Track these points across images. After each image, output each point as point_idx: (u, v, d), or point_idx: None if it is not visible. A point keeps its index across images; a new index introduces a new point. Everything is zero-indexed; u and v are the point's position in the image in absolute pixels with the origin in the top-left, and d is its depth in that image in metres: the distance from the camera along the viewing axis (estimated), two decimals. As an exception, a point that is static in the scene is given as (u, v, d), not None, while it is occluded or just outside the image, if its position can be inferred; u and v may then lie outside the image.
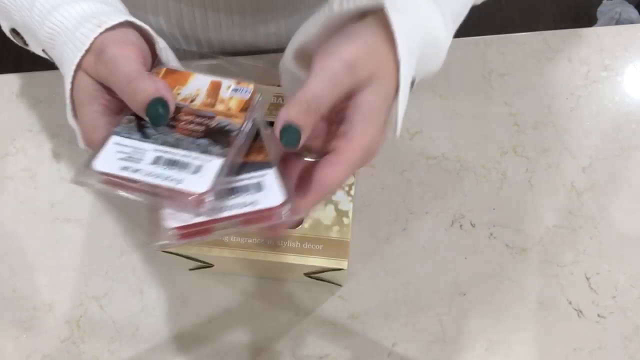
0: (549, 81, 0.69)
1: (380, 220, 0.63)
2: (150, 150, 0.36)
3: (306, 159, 0.39)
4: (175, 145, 0.37)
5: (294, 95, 0.36)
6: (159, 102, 0.36)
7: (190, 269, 0.61)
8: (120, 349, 0.60)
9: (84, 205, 0.65)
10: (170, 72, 0.40)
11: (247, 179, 0.37)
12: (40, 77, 0.71)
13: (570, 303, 0.60)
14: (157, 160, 0.36)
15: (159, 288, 0.62)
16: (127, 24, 0.40)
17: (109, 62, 0.37)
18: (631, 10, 1.53)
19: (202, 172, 0.35)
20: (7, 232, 0.64)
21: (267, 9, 0.61)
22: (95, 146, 0.37)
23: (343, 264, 0.50)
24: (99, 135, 0.37)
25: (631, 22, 1.50)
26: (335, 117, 0.40)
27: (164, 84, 0.37)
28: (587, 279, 0.61)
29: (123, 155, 0.36)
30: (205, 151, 0.36)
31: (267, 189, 0.37)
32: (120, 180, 0.35)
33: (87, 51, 0.38)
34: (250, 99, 0.39)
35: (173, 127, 0.37)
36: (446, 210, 0.63)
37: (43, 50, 0.43)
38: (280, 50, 0.45)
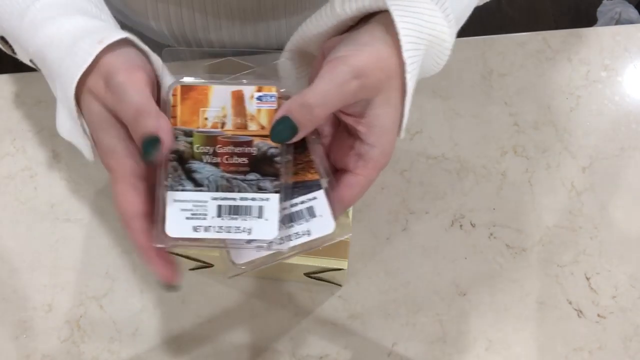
0: (549, 81, 0.69)
1: (380, 220, 0.63)
2: (209, 200, 0.37)
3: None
4: (229, 188, 0.37)
5: (299, 92, 0.36)
6: (154, 139, 0.35)
7: (190, 269, 0.61)
8: (120, 349, 0.60)
9: (84, 205, 0.65)
10: (187, 89, 0.38)
11: (300, 203, 0.38)
12: (40, 77, 0.70)
13: (570, 303, 0.60)
14: (220, 211, 0.37)
15: (159, 288, 0.62)
16: (127, 42, 0.39)
17: (118, 91, 0.36)
18: (631, 10, 1.53)
19: (265, 214, 0.37)
20: (7, 232, 0.64)
21: (268, 10, 0.61)
22: (115, 171, 0.37)
23: (343, 264, 0.50)
24: (117, 160, 0.37)
25: (631, 22, 1.50)
26: (350, 128, 0.40)
27: (167, 124, 0.36)
28: (587, 279, 0.61)
29: (188, 213, 0.37)
30: (259, 188, 0.37)
31: (319, 215, 0.38)
32: (196, 242, 0.37)
33: (90, 70, 0.37)
34: (279, 108, 0.38)
35: (217, 164, 0.37)
36: (446, 210, 0.63)
37: (30, 61, 0.43)
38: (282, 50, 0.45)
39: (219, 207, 0.37)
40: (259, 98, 0.38)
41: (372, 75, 0.37)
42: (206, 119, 0.38)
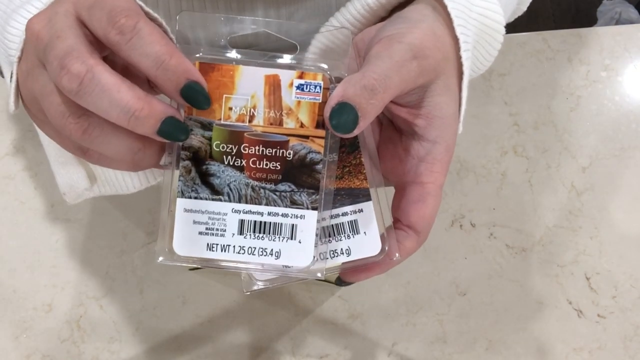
0: (549, 81, 0.69)
1: (380, 220, 0.63)
2: (229, 212, 0.30)
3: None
4: (256, 199, 0.30)
5: (355, 74, 0.30)
6: (196, 84, 0.29)
7: (190, 269, 0.61)
8: (120, 349, 0.60)
9: (84, 205, 0.65)
10: (207, 68, 0.30)
11: (342, 215, 0.32)
12: (40, 77, 0.71)
13: (570, 303, 0.60)
14: (242, 228, 0.30)
15: (159, 288, 0.62)
16: None
17: (129, 26, 0.27)
18: (631, 10, 1.53)
19: (298, 235, 0.30)
20: (7, 232, 0.64)
21: (269, 2, 0.61)
22: (91, 66, 0.27)
23: (343, 264, 0.50)
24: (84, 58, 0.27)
25: (631, 22, 1.49)
26: (401, 125, 0.34)
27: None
28: (587, 279, 0.61)
29: (201, 227, 0.30)
30: (292, 202, 0.30)
31: (363, 232, 0.32)
32: (210, 263, 0.31)
33: None
34: (324, 102, 0.30)
35: (241, 168, 0.30)
36: (446, 210, 0.63)
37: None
38: (282, 45, 0.44)
39: (241, 222, 0.30)
40: (300, 87, 0.31)
41: (431, 56, 0.31)
42: (230, 109, 0.30)
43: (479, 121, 0.67)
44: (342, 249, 0.32)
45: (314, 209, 0.30)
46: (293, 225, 0.30)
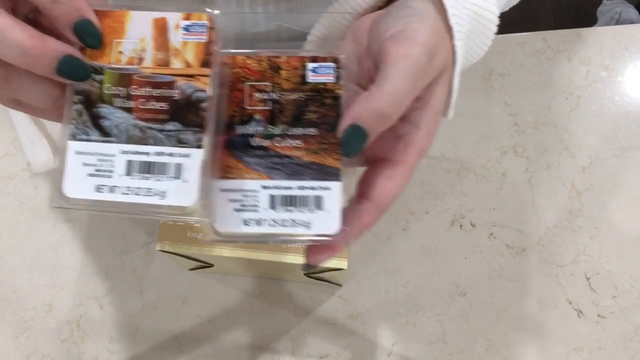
0: (549, 81, 0.69)
1: (380, 220, 0.63)
2: (117, 154, 0.31)
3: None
4: (143, 140, 0.31)
5: (373, 89, 0.30)
6: (85, 22, 0.30)
7: (190, 269, 0.61)
8: (120, 349, 0.60)
9: (84, 205, 0.65)
10: (99, 15, 0.31)
11: (310, 188, 0.32)
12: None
13: (570, 303, 0.60)
14: (130, 168, 0.31)
15: (159, 288, 0.62)
16: None
17: None
18: (631, 10, 1.53)
19: (183, 174, 0.30)
20: (7, 232, 0.64)
21: None
22: None
23: (343, 264, 0.50)
24: None
25: (631, 22, 1.49)
26: None
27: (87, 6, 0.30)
28: (587, 279, 0.61)
29: (91, 169, 0.31)
30: (178, 141, 0.31)
31: (326, 210, 0.32)
32: (99, 205, 0.31)
33: None
34: (210, 42, 0.31)
35: (130, 109, 0.31)
36: (446, 210, 0.63)
37: None
38: (281, 39, 0.44)
39: (129, 162, 0.31)
40: (186, 28, 0.31)
41: (442, 53, 0.31)
42: (121, 52, 0.31)
43: (479, 121, 0.67)
44: (302, 220, 0.32)
45: (198, 147, 0.31)
46: (178, 165, 0.30)
